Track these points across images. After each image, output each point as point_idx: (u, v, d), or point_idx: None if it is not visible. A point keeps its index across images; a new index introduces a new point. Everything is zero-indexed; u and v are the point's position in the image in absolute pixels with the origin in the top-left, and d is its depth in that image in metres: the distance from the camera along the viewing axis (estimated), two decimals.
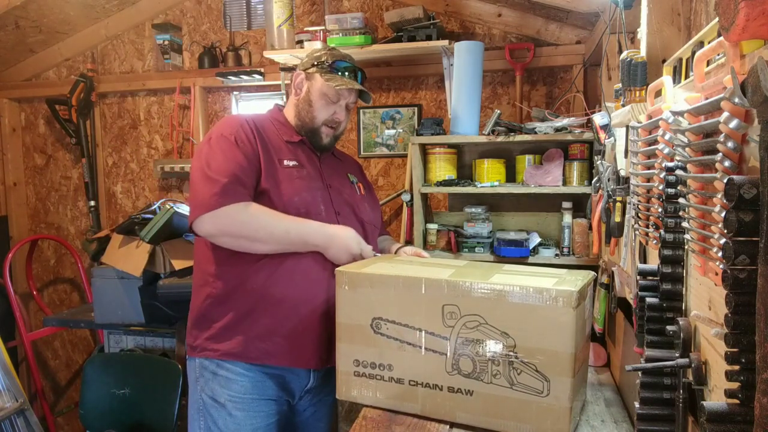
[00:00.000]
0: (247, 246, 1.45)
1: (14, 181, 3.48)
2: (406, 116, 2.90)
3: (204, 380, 1.53)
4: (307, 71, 1.61)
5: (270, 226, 1.44)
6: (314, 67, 1.60)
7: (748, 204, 0.60)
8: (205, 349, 1.51)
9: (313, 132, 1.62)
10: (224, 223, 1.41)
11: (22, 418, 2.55)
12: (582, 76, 2.56)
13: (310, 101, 1.60)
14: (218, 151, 1.46)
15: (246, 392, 1.50)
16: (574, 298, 1.12)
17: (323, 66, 1.59)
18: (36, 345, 3.48)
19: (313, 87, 1.59)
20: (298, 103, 1.62)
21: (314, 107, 1.59)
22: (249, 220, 1.42)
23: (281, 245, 1.46)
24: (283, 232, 1.45)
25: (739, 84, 0.62)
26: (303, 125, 1.62)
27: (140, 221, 2.43)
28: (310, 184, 1.56)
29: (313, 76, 1.60)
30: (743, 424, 0.66)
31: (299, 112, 1.62)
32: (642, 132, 1.15)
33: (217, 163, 1.44)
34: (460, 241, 2.42)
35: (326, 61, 1.60)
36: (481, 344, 1.21)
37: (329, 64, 1.59)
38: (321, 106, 1.59)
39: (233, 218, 1.41)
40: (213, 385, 1.51)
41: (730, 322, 0.65)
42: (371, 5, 2.89)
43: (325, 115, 1.60)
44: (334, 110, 1.61)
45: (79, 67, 3.32)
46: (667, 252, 0.94)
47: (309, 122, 1.61)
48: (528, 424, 1.19)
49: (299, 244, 1.47)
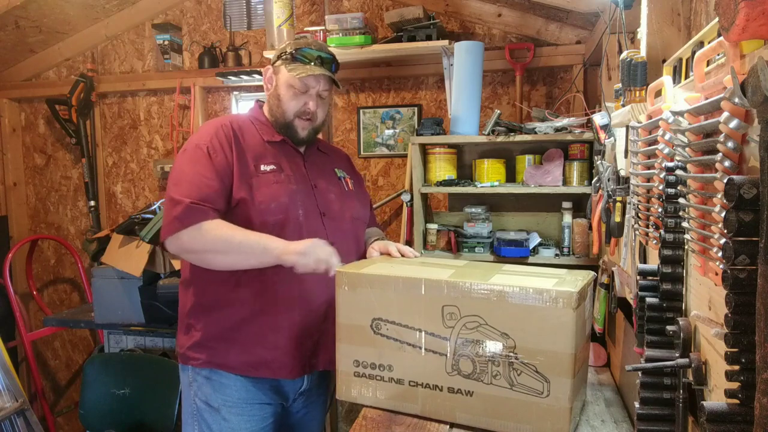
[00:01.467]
0: (210, 260, 1.46)
1: (14, 181, 3.48)
2: (406, 116, 2.90)
3: (197, 385, 1.53)
4: (274, 65, 1.58)
5: (226, 237, 1.42)
6: (279, 60, 1.57)
7: (748, 204, 0.60)
8: (189, 358, 1.53)
9: (287, 126, 1.57)
10: (184, 243, 1.43)
11: (22, 418, 2.55)
12: (582, 76, 2.56)
13: (278, 95, 1.56)
14: (188, 165, 1.47)
15: (240, 397, 1.50)
16: (574, 299, 1.12)
17: (286, 57, 1.55)
18: (36, 345, 3.47)
19: (280, 80, 1.56)
20: (269, 99, 1.60)
21: (282, 100, 1.55)
22: (204, 236, 1.42)
23: (241, 254, 1.43)
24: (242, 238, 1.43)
25: (739, 84, 0.62)
26: (276, 121, 1.59)
27: (140, 221, 2.43)
28: (289, 187, 1.52)
29: (279, 69, 1.57)
30: (743, 424, 0.66)
31: (271, 108, 1.60)
32: (642, 132, 1.15)
33: (186, 179, 1.45)
34: (460, 241, 2.42)
35: (289, 51, 1.55)
36: (481, 345, 1.21)
37: (291, 54, 1.54)
38: (289, 98, 1.55)
39: (192, 237, 1.42)
40: (206, 389, 1.51)
41: (730, 322, 0.65)
42: (371, 5, 2.89)
43: (295, 107, 1.55)
44: (304, 101, 1.55)
45: (79, 67, 3.32)
46: (667, 252, 0.94)
47: (281, 117, 1.57)
48: (528, 424, 1.19)
49: (258, 251, 1.43)
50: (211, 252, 1.43)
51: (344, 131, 2.99)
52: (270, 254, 1.41)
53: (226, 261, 1.45)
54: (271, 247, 1.41)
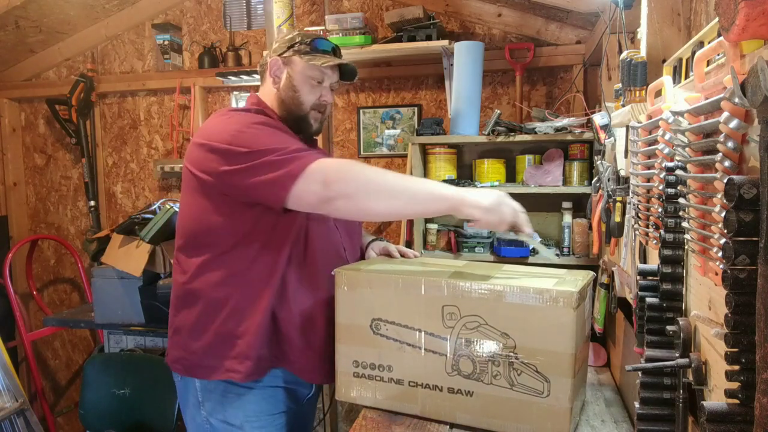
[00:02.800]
0: (365, 204, 1.25)
1: (14, 181, 3.48)
2: (406, 116, 2.89)
3: (211, 404, 1.40)
4: (284, 56, 1.47)
5: (380, 173, 1.24)
6: (291, 50, 1.46)
7: (748, 204, 0.60)
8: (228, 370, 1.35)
9: (301, 120, 1.48)
10: (336, 176, 1.21)
11: (22, 418, 2.55)
12: (582, 76, 2.56)
13: (293, 87, 1.46)
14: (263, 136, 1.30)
15: (261, 409, 1.41)
16: (574, 299, 1.12)
17: (301, 46, 1.46)
18: (36, 345, 3.47)
19: (295, 71, 1.46)
20: (280, 92, 1.47)
21: (300, 92, 1.46)
22: (351, 171, 1.24)
23: (405, 197, 1.24)
24: (403, 178, 1.27)
25: (739, 84, 0.62)
26: (290, 114, 1.47)
27: (140, 221, 2.43)
28: None
29: (291, 60, 1.46)
30: (743, 424, 0.66)
31: (283, 101, 1.47)
32: (642, 132, 1.15)
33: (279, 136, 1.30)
34: (460, 241, 2.42)
35: (304, 42, 1.47)
36: (481, 345, 1.21)
37: (308, 44, 1.46)
38: (307, 90, 1.46)
39: (343, 169, 1.23)
40: (224, 408, 1.39)
41: (730, 322, 0.65)
42: (371, 5, 2.89)
43: (313, 99, 1.47)
44: (320, 92, 1.48)
45: (79, 67, 3.32)
46: (667, 252, 0.94)
47: (296, 110, 1.47)
48: (528, 424, 1.19)
49: (427, 195, 1.25)
50: (370, 191, 1.23)
51: (344, 131, 2.99)
52: (445, 202, 1.24)
53: (384, 206, 1.25)
54: (447, 194, 1.24)
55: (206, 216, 1.36)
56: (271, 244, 1.35)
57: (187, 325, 1.40)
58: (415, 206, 1.28)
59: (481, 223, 1.24)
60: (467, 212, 1.22)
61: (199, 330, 1.38)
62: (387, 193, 1.25)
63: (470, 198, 1.23)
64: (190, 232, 1.41)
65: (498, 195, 1.25)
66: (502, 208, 1.24)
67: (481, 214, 1.22)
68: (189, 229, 1.41)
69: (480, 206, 1.22)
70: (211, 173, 1.32)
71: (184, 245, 1.42)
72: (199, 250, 1.38)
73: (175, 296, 1.44)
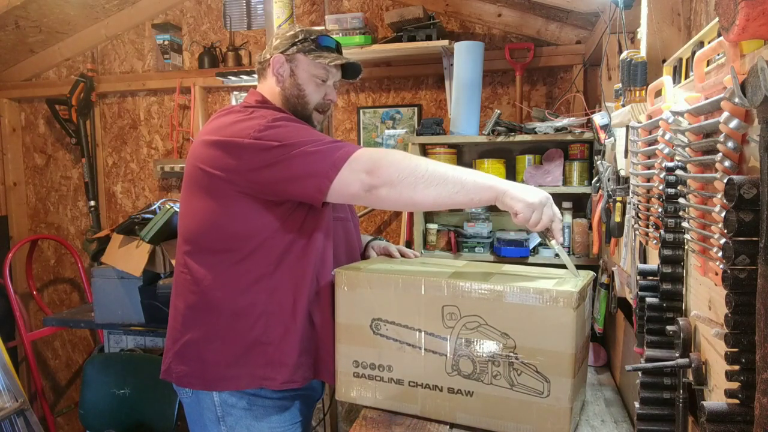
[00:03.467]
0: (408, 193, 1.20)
1: (14, 181, 3.48)
2: (406, 116, 2.89)
3: (234, 419, 1.33)
4: (287, 53, 1.42)
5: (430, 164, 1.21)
6: (294, 47, 1.41)
7: (748, 204, 0.60)
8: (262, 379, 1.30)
9: (305, 119, 1.43)
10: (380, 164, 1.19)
11: (22, 418, 2.55)
12: (582, 76, 2.56)
13: (298, 85, 1.42)
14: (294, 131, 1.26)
15: (285, 419, 1.38)
16: (574, 299, 1.12)
17: (306, 44, 1.42)
18: (36, 345, 3.48)
19: (299, 69, 1.42)
20: (284, 91, 1.43)
21: (306, 91, 1.42)
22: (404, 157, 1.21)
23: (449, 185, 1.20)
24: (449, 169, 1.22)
25: (739, 84, 0.62)
26: (294, 113, 1.42)
27: (140, 221, 2.43)
28: None
29: (294, 58, 1.42)
30: (743, 424, 0.66)
31: (288, 100, 1.43)
32: (642, 132, 1.15)
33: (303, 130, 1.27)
34: (460, 241, 2.42)
35: (307, 39, 1.42)
36: (482, 345, 1.21)
37: (313, 41, 1.42)
38: (312, 89, 1.42)
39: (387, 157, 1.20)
40: (247, 421, 1.33)
41: (730, 322, 0.65)
42: (371, 5, 2.89)
43: (318, 98, 1.44)
44: (325, 91, 1.44)
45: (79, 67, 3.32)
46: (667, 252, 0.94)
47: (302, 109, 1.43)
48: (528, 424, 1.19)
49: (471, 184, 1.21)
50: (415, 180, 1.19)
51: (344, 131, 2.99)
52: (490, 191, 1.21)
53: (430, 195, 1.20)
54: (492, 184, 1.21)
55: (219, 219, 1.29)
56: (299, 243, 1.30)
57: (206, 337, 1.32)
58: (461, 195, 1.23)
59: (520, 218, 1.21)
60: (510, 204, 1.20)
61: (221, 341, 1.31)
62: (434, 180, 1.20)
63: (515, 191, 1.21)
64: (200, 236, 1.32)
65: (544, 195, 1.23)
66: (544, 208, 1.22)
67: (523, 207, 1.20)
68: (198, 234, 1.33)
69: (524, 200, 1.20)
70: (230, 170, 1.25)
71: (193, 251, 1.34)
72: (214, 257, 1.31)
73: (185, 307, 1.35)
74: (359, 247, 1.62)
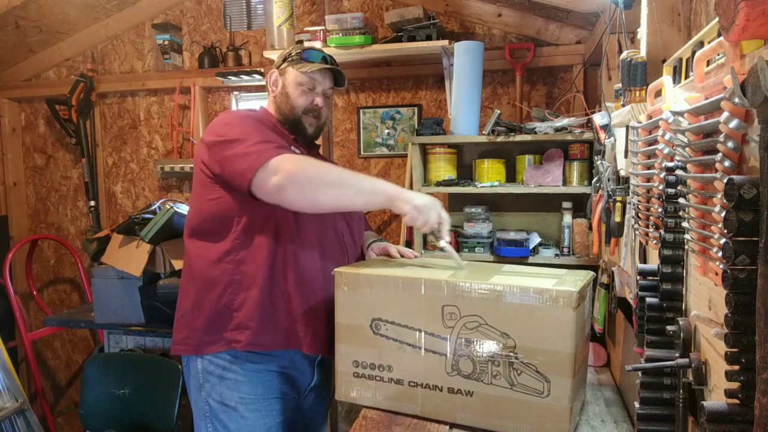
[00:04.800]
0: (314, 195, 1.38)
1: (14, 181, 3.48)
2: (406, 116, 2.89)
3: (210, 385, 1.49)
4: (280, 68, 1.64)
5: (330, 168, 1.43)
6: (285, 62, 1.62)
7: (748, 204, 0.60)
8: (230, 341, 1.46)
9: (296, 123, 1.61)
10: (290, 168, 1.34)
11: (22, 418, 2.55)
12: (582, 76, 2.56)
13: (286, 93, 1.60)
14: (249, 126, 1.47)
15: (257, 392, 1.49)
16: (574, 299, 1.12)
17: (293, 58, 1.61)
18: (36, 345, 3.47)
19: (288, 80, 1.61)
20: (276, 99, 1.63)
21: (291, 97, 1.59)
22: (307, 163, 1.39)
23: (350, 188, 1.39)
24: (347, 172, 1.43)
25: (739, 84, 0.62)
26: (285, 119, 1.61)
27: (140, 221, 2.43)
28: None
29: (285, 71, 1.62)
30: (743, 424, 0.66)
31: (279, 107, 1.62)
32: (642, 132, 1.15)
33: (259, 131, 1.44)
34: (460, 241, 2.42)
35: (296, 53, 1.62)
36: (481, 345, 1.21)
37: (298, 54, 1.61)
38: (298, 95, 1.59)
39: (295, 163, 1.36)
40: (221, 389, 1.48)
41: (730, 322, 0.65)
42: (371, 5, 2.89)
43: (304, 103, 1.59)
44: (312, 98, 1.60)
45: (79, 67, 3.32)
46: (667, 252, 0.94)
47: (290, 113, 1.60)
48: (528, 424, 1.19)
49: (369, 189, 1.41)
50: (320, 183, 1.37)
51: (344, 131, 2.99)
52: (383, 195, 1.39)
53: (332, 196, 1.39)
54: (386, 189, 1.40)
55: (203, 204, 1.50)
56: (269, 223, 1.47)
57: (191, 306, 1.50)
58: (359, 198, 1.42)
59: (407, 219, 1.37)
60: (399, 206, 1.37)
61: (199, 308, 1.49)
62: (336, 184, 1.39)
63: (405, 195, 1.38)
64: (191, 220, 1.55)
65: (431, 200, 1.39)
66: (430, 212, 1.37)
67: (410, 209, 1.36)
68: (191, 218, 1.55)
69: (411, 203, 1.36)
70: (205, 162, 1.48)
71: (189, 234, 1.55)
72: (200, 236, 1.52)
73: (183, 283, 1.57)
74: (359, 237, 1.74)
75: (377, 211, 2.93)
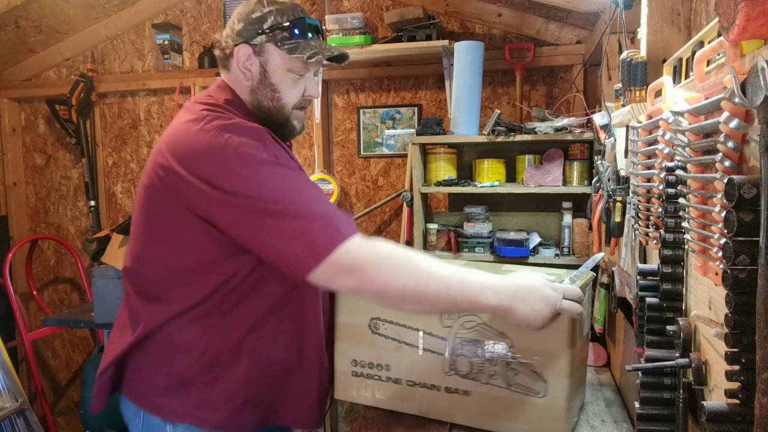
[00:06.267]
0: (397, 306, 1.10)
1: (14, 181, 3.48)
2: (406, 116, 2.89)
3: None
4: (253, 43, 1.16)
5: (418, 278, 1.02)
6: (263, 36, 1.15)
7: (748, 204, 0.60)
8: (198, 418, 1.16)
9: (283, 124, 1.22)
10: (371, 274, 1.01)
11: (22, 418, 2.55)
12: (582, 76, 2.56)
13: (272, 85, 1.17)
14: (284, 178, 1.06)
15: None
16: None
17: (276, 33, 1.15)
18: (36, 345, 3.47)
19: (270, 64, 1.16)
20: (254, 91, 1.19)
21: (281, 91, 1.18)
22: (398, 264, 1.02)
23: (437, 308, 1.10)
24: (441, 288, 1.02)
25: (739, 84, 0.62)
26: (270, 118, 1.20)
27: None
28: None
29: (264, 50, 1.16)
30: (743, 424, 0.66)
31: (260, 102, 1.19)
32: (642, 132, 1.15)
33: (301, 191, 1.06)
34: (460, 241, 2.42)
35: (279, 25, 1.15)
36: (479, 345, 1.21)
37: (286, 29, 1.15)
38: (289, 87, 1.18)
39: (378, 263, 1.02)
40: None
41: (730, 322, 0.65)
42: (371, 5, 2.89)
43: (296, 97, 1.20)
44: (304, 86, 1.21)
45: (79, 67, 3.32)
46: (667, 252, 0.94)
47: (278, 114, 1.20)
48: (525, 424, 1.18)
49: (464, 304, 1.06)
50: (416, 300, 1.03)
51: (344, 131, 2.99)
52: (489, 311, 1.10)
53: (415, 310, 1.10)
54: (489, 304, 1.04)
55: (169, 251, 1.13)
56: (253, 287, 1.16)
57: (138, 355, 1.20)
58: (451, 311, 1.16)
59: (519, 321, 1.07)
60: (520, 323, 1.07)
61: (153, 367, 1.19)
62: (422, 299, 1.04)
63: (519, 313, 1.04)
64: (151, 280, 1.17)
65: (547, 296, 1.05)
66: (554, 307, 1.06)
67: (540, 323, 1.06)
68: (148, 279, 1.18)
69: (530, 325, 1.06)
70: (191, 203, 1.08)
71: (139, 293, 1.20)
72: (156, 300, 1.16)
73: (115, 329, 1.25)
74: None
75: (378, 210, 2.93)
